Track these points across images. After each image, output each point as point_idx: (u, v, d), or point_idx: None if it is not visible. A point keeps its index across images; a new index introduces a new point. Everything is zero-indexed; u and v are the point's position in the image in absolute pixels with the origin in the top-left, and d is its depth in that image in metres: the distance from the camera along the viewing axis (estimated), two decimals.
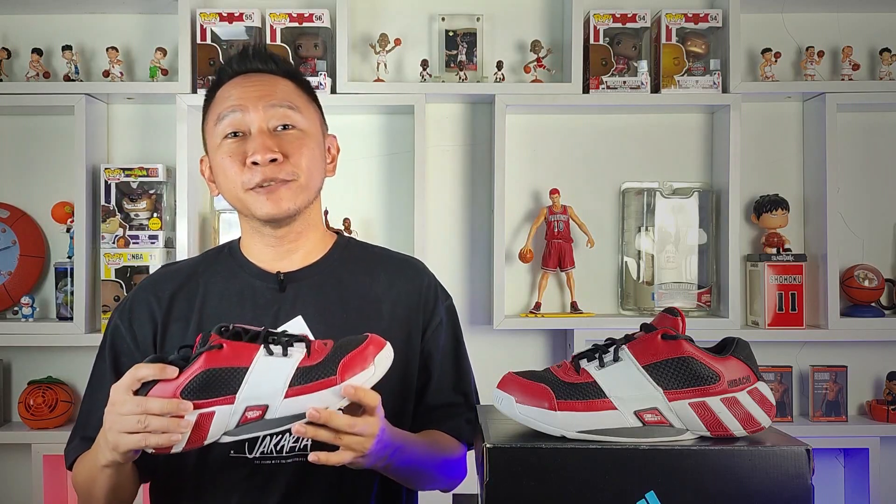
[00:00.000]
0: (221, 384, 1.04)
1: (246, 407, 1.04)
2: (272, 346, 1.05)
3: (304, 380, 1.05)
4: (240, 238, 1.40)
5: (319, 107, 1.39)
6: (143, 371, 1.05)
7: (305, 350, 1.06)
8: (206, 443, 1.05)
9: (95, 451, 1.17)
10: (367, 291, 1.35)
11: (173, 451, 1.05)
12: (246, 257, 1.36)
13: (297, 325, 1.27)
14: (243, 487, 1.25)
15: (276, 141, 1.28)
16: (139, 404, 1.03)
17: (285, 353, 1.05)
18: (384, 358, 1.09)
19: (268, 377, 1.04)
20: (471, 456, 1.39)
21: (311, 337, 1.11)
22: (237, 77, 1.34)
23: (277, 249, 1.34)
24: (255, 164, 1.26)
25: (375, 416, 1.10)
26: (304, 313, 1.29)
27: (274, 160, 1.26)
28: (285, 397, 1.04)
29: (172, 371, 1.04)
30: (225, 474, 1.26)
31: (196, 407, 1.03)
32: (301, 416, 1.05)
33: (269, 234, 1.32)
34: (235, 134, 1.29)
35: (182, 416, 1.03)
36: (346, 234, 1.49)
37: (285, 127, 1.30)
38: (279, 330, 1.11)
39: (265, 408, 1.04)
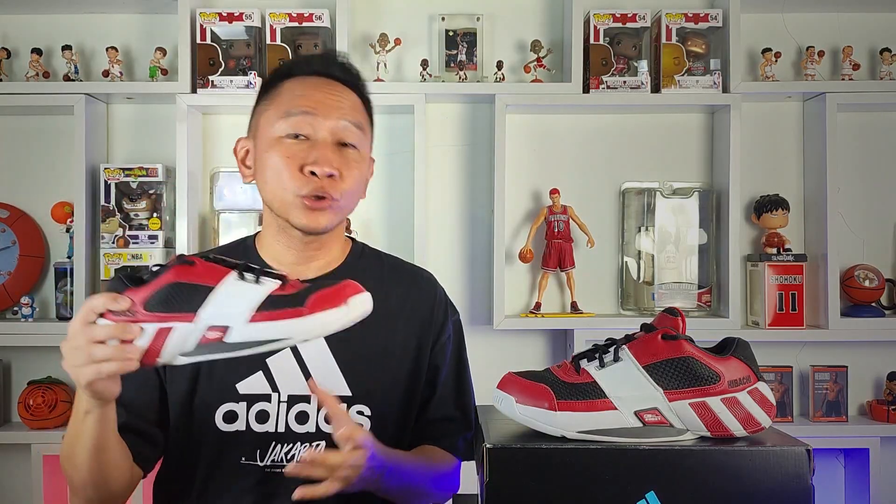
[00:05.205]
0: (185, 300, 0.99)
1: (206, 326, 1.00)
2: (245, 273, 1.02)
3: (272, 307, 1.00)
4: (256, 234, 1.39)
5: (373, 128, 1.39)
6: (95, 301, 1.01)
7: (280, 283, 1.03)
8: (159, 362, 1.01)
9: (76, 404, 1.12)
10: (383, 306, 1.32)
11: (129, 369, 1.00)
12: (262, 258, 1.34)
13: None
14: (253, 495, 1.25)
15: (337, 156, 1.27)
16: (87, 334, 0.99)
17: (257, 281, 1.02)
18: (360, 302, 1.02)
19: (234, 299, 1.00)
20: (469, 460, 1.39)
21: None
22: (311, 77, 1.32)
23: (300, 254, 1.33)
24: (313, 173, 1.25)
25: (363, 448, 1.11)
26: None
27: (331, 175, 1.26)
28: (249, 322, 1.00)
29: (125, 301, 1.00)
30: (235, 481, 1.25)
31: (155, 320, 0.99)
32: (261, 344, 1.00)
33: (297, 237, 1.31)
34: (297, 136, 1.27)
35: (132, 340, 0.99)
36: (359, 240, 1.48)
37: (345, 144, 1.30)
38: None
39: (225, 329, 1.00)
